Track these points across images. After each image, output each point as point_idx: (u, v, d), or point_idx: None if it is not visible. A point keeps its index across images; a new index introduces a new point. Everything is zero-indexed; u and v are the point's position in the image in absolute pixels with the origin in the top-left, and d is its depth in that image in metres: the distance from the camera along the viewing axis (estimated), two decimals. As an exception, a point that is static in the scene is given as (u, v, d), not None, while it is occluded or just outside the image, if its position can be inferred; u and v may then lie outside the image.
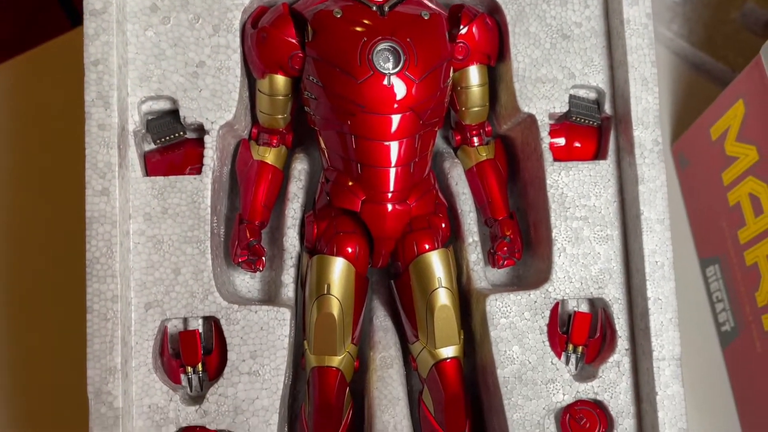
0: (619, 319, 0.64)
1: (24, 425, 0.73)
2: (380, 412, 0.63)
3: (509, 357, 0.63)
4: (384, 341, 0.68)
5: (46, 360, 0.74)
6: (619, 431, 0.63)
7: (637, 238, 0.62)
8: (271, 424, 0.61)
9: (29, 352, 0.75)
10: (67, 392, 0.69)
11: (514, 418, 0.62)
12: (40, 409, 0.73)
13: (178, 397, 0.60)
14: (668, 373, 0.61)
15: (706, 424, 0.79)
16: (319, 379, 0.63)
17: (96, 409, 0.57)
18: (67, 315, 0.72)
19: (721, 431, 0.80)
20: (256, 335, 0.61)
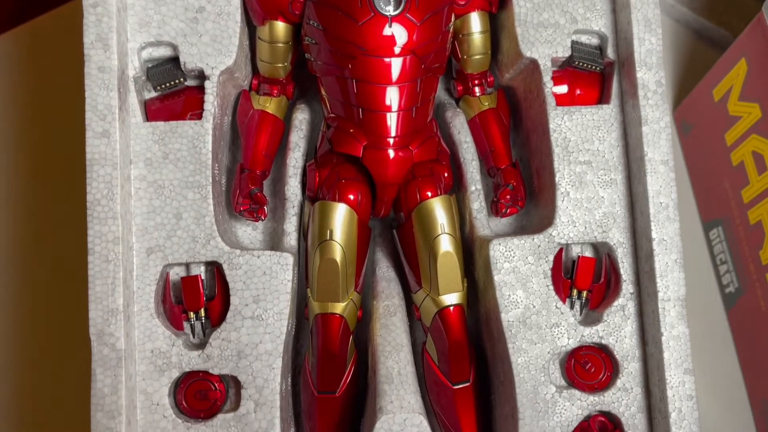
0: (624, 263, 0.63)
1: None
2: (384, 358, 0.63)
3: (513, 301, 0.62)
4: (387, 291, 0.67)
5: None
6: (625, 375, 0.62)
7: (641, 180, 0.62)
8: (274, 368, 0.60)
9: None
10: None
11: (518, 362, 0.62)
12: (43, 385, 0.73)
13: (180, 342, 0.60)
14: (673, 314, 0.60)
15: (711, 387, 0.78)
16: (323, 326, 0.63)
17: (98, 350, 0.56)
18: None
19: (726, 394, 0.80)
20: (258, 280, 0.61)
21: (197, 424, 0.59)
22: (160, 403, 0.59)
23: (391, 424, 0.60)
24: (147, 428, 0.59)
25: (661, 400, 0.60)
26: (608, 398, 0.62)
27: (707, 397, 0.76)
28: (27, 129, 0.78)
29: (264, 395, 0.60)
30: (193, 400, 0.60)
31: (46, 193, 0.77)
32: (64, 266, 0.74)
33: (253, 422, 0.60)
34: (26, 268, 0.75)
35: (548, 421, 0.61)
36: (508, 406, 0.63)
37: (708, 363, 0.78)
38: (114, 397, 0.56)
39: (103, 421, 0.56)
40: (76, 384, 0.65)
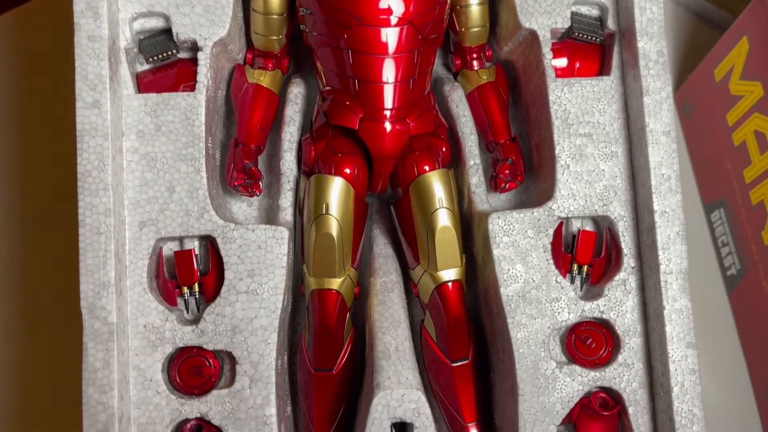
0: (625, 236, 0.62)
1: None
2: (381, 333, 0.62)
3: (512, 275, 0.61)
4: (385, 267, 0.66)
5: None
6: (626, 350, 0.61)
7: (643, 152, 0.61)
8: (270, 343, 0.59)
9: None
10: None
11: (518, 338, 0.61)
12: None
13: (174, 317, 0.59)
14: (675, 288, 0.59)
15: (713, 370, 0.77)
16: (319, 301, 0.62)
17: (90, 324, 0.55)
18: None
19: (728, 376, 0.79)
20: (253, 254, 0.60)
21: (191, 400, 0.58)
22: (153, 379, 0.58)
23: (389, 399, 0.59)
24: (140, 404, 0.58)
25: (663, 374, 0.59)
26: (609, 374, 0.61)
27: (709, 378, 0.76)
28: (22, 110, 0.77)
29: (259, 371, 0.59)
30: (187, 376, 0.59)
31: (42, 172, 0.76)
32: (56, 240, 0.72)
33: (248, 398, 0.59)
34: (19, 242, 0.74)
35: (548, 397, 0.60)
36: (508, 382, 0.62)
37: (710, 345, 0.77)
38: (106, 371, 0.55)
39: (95, 396, 0.55)
40: (68, 360, 0.64)
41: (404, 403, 0.59)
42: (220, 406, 0.58)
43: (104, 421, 0.54)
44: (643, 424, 0.61)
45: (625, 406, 0.61)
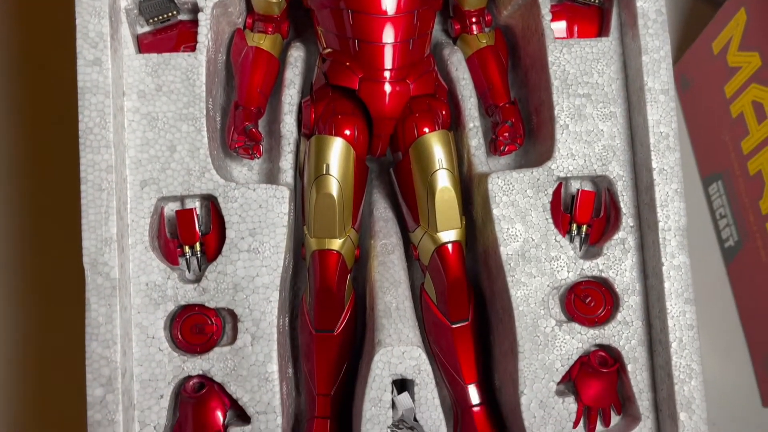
0: (623, 196, 0.63)
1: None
2: (382, 293, 0.62)
3: (512, 234, 0.62)
4: (385, 230, 0.66)
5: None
6: (625, 309, 0.62)
7: (641, 111, 0.61)
8: (271, 301, 0.59)
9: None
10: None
11: (517, 296, 0.61)
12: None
13: (176, 275, 0.59)
14: (674, 244, 0.60)
15: (711, 342, 0.78)
16: (320, 262, 0.62)
17: (92, 279, 0.55)
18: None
19: (726, 348, 0.79)
20: (254, 213, 0.60)
21: (193, 358, 0.59)
22: (155, 336, 0.58)
23: (390, 356, 0.59)
24: (143, 361, 0.58)
25: (661, 331, 0.60)
26: (608, 332, 0.62)
27: (707, 350, 0.76)
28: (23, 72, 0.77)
29: (261, 328, 0.59)
30: (189, 334, 0.59)
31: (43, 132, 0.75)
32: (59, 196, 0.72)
33: (250, 355, 0.59)
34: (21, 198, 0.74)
35: (548, 355, 0.61)
36: (508, 341, 0.63)
37: (707, 318, 0.78)
38: (109, 326, 0.55)
39: (98, 351, 0.55)
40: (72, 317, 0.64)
41: (405, 360, 0.60)
42: (222, 363, 0.59)
43: (108, 376, 0.55)
44: (642, 381, 0.61)
45: (624, 364, 0.61)
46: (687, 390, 0.59)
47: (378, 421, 0.59)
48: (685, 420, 0.58)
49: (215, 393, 0.59)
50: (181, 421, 0.59)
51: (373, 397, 0.59)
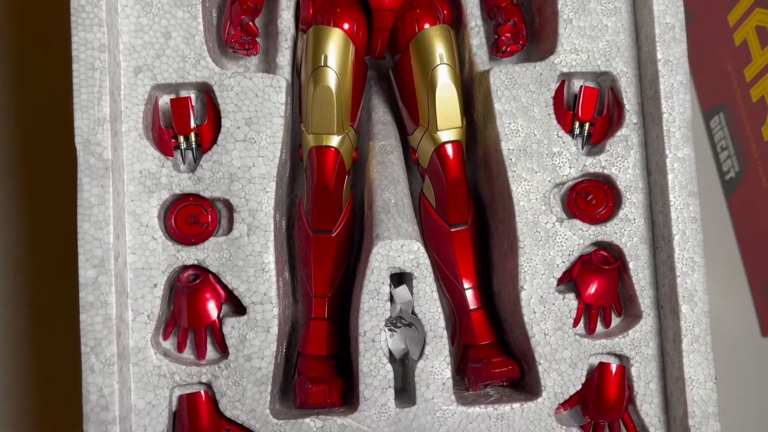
0: (627, 92, 0.61)
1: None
2: (380, 190, 0.61)
3: (513, 130, 0.61)
4: (384, 132, 0.65)
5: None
6: (627, 206, 0.61)
7: (647, 3, 0.60)
8: (268, 191, 0.58)
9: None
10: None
11: (518, 191, 0.60)
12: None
13: (170, 163, 0.58)
14: (678, 136, 0.59)
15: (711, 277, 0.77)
16: (317, 159, 0.61)
17: (85, 160, 0.54)
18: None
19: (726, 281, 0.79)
20: (251, 102, 0.59)
21: (188, 247, 0.58)
22: (149, 225, 0.57)
23: (388, 249, 0.58)
24: (136, 249, 0.57)
25: (664, 225, 0.59)
26: (610, 229, 0.61)
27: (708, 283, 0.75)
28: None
29: (258, 218, 0.58)
30: (184, 225, 0.58)
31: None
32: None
33: (246, 245, 0.58)
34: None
35: (548, 250, 0.60)
36: (507, 241, 0.62)
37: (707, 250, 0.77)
38: (101, 207, 0.54)
39: (90, 232, 0.54)
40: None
41: (403, 253, 0.59)
42: (218, 253, 0.58)
43: (100, 257, 0.54)
44: (643, 278, 0.60)
45: (625, 261, 0.61)
46: (689, 282, 0.58)
47: (375, 314, 0.58)
48: (687, 312, 0.58)
49: (210, 284, 0.58)
50: (176, 312, 0.58)
51: (371, 289, 0.58)
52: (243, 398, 0.57)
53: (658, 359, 0.60)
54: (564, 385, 0.59)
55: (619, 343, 0.60)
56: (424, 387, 0.58)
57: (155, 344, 0.57)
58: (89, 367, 0.53)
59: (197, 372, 0.57)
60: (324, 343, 0.63)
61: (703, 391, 0.57)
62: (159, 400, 0.56)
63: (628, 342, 0.60)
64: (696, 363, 0.57)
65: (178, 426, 0.57)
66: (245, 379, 0.57)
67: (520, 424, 0.58)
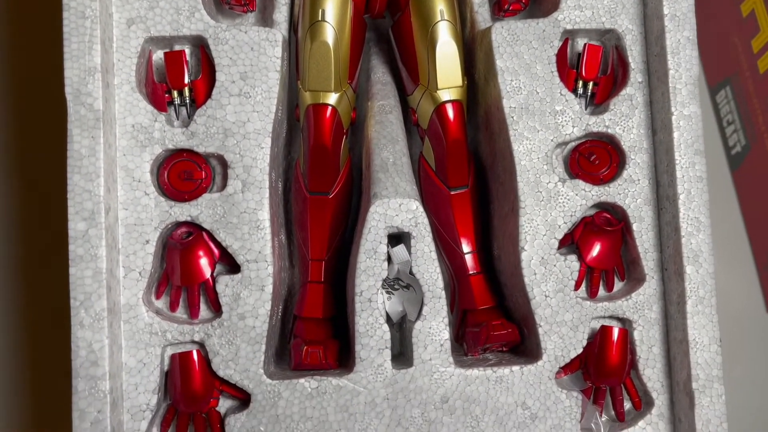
0: (632, 50, 0.60)
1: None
2: (379, 149, 0.60)
3: (515, 87, 0.59)
4: (383, 92, 0.64)
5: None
6: (632, 166, 0.59)
7: (653, -44, 0.58)
8: (263, 147, 0.57)
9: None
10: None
11: (520, 150, 0.59)
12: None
13: (163, 117, 0.57)
14: (685, 93, 0.57)
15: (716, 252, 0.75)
16: (314, 117, 0.59)
17: (75, 110, 0.53)
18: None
19: (732, 256, 0.77)
20: (246, 55, 0.57)
21: (181, 204, 0.56)
22: (141, 180, 0.56)
23: (386, 208, 0.57)
24: (128, 205, 0.56)
25: (669, 185, 0.57)
26: (613, 189, 0.59)
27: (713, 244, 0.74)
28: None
29: (252, 175, 0.57)
30: (177, 181, 0.57)
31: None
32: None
33: (240, 202, 0.56)
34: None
35: (550, 211, 0.59)
36: (508, 203, 0.60)
37: (713, 226, 0.76)
38: (92, 159, 0.53)
39: (81, 183, 0.52)
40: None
41: (401, 212, 0.57)
42: (211, 209, 0.56)
43: (90, 209, 0.52)
44: (647, 240, 0.59)
45: (629, 223, 0.59)
46: (694, 243, 0.56)
47: (372, 273, 0.57)
48: (692, 274, 0.56)
49: (203, 241, 0.57)
50: (168, 270, 0.57)
51: (368, 249, 0.57)
52: (236, 357, 0.55)
53: (662, 323, 0.59)
54: (565, 349, 0.58)
55: (621, 306, 0.59)
56: (421, 348, 0.57)
57: (147, 302, 0.56)
58: (78, 321, 0.52)
59: (190, 330, 0.56)
60: (320, 305, 0.61)
61: (708, 354, 0.56)
62: (150, 358, 0.55)
63: (630, 305, 0.59)
64: (700, 325, 0.56)
65: (170, 385, 0.56)
66: (239, 338, 0.56)
67: (519, 387, 0.57)
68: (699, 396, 0.55)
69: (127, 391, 0.54)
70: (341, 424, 0.55)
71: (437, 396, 0.56)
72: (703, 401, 0.55)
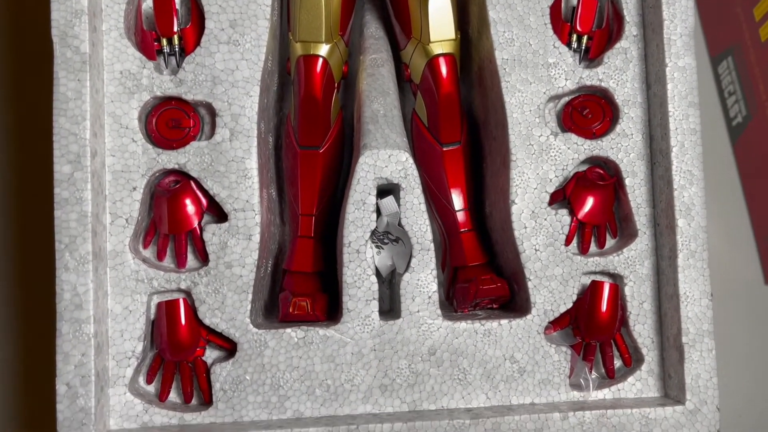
0: (627, 3, 0.59)
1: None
2: (369, 101, 0.59)
3: (508, 39, 0.58)
4: (375, 46, 0.63)
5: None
6: (625, 120, 0.59)
7: None
8: (252, 96, 0.56)
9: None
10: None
11: (512, 102, 0.58)
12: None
13: (152, 65, 0.56)
14: (680, 45, 0.56)
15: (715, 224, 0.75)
16: (305, 68, 0.59)
17: (61, 53, 0.52)
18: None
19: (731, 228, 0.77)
20: (235, 3, 0.57)
21: (169, 151, 0.56)
22: (129, 127, 0.55)
23: (375, 159, 0.57)
24: (115, 151, 0.55)
25: (662, 138, 0.57)
26: (606, 144, 0.58)
27: (711, 229, 0.73)
28: None
29: (240, 123, 0.56)
30: (165, 129, 0.56)
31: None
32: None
33: (228, 150, 0.56)
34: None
35: (542, 164, 0.58)
36: (500, 157, 0.60)
37: (712, 198, 0.75)
38: (78, 101, 0.52)
39: (66, 126, 0.52)
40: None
41: (391, 163, 0.57)
42: (199, 157, 0.56)
43: (76, 152, 0.52)
44: (639, 195, 0.58)
45: (621, 178, 0.58)
46: (687, 196, 0.56)
47: (361, 225, 0.56)
48: (684, 227, 0.56)
49: (191, 189, 0.56)
50: (156, 219, 0.57)
51: (357, 200, 0.56)
52: (223, 306, 0.55)
53: (653, 279, 0.58)
54: (554, 303, 0.57)
55: (612, 261, 0.58)
56: (409, 300, 0.56)
57: (134, 249, 0.55)
58: (63, 264, 0.51)
59: (176, 278, 0.55)
60: (309, 260, 0.61)
61: (698, 307, 0.55)
62: (136, 305, 0.55)
63: (622, 260, 0.58)
64: (691, 279, 0.55)
65: (156, 333, 0.56)
66: (225, 286, 0.55)
67: (507, 341, 0.57)
68: (689, 350, 0.55)
69: (113, 338, 0.54)
70: (327, 374, 0.55)
71: (424, 348, 0.56)
72: (692, 356, 0.55)
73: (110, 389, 0.54)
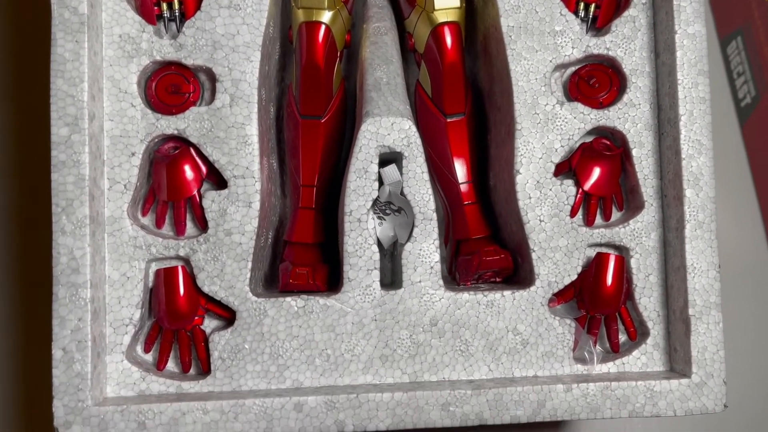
0: (637, -30, 0.58)
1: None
2: (372, 69, 0.58)
3: (514, 6, 0.57)
4: (378, 15, 0.62)
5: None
6: (632, 90, 0.57)
7: None
8: (252, 61, 0.56)
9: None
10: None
11: (517, 70, 0.57)
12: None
13: (151, 29, 0.55)
14: (690, 11, 0.55)
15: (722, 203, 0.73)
16: (307, 35, 0.58)
17: (59, 14, 0.51)
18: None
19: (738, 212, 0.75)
20: (237, -33, 0.56)
21: (168, 117, 0.55)
22: (128, 91, 0.55)
23: (378, 126, 0.56)
24: (114, 116, 0.55)
25: (671, 107, 0.56)
26: (613, 113, 0.57)
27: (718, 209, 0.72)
28: None
29: (241, 89, 0.55)
30: (165, 94, 0.56)
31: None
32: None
33: (228, 116, 0.55)
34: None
35: (547, 134, 0.57)
36: (505, 127, 0.59)
37: (720, 175, 0.74)
38: (76, 63, 0.51)
39: (64, 88, 0.51)
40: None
41: (393, 131, 0.56)
42: (199, 123, 0.55)
43: (73, 115, 0.51)
44: (647, 166, 0.57)
45: (628, 148, 0.57)
46: (695, 166, 0.55)
47: (363, 193, 0.55)
48: (692, 197, 0.54)
49: (190, 155, 0.56)
50: (155, 186, 0.56)
51: (359, 168, 0.56)
52: (222, 274, 0.54)
53: (660, 251, 0.57)
54: (559, 275, 0.56)
55: (618, 233, 0.57)
56: (411, 270, 0.55)
57: (132, 215, 0.55)
58: (60, 227, 0.51)
59: (175, 245, 0.55)
60: (310, 231, 0.60)
61: (705, 279, 0.54)
62: (134, 272, 0.54)
63: (628, 232, 0.57)
64: (699, 250, 0.54)
65: (154, 301, 0.55)
66: (224, 254, 0.54)
67: (510, 312, 0.56)
68: (695, 322, 0.54)
69: (110, 304, 0.54)
70: (327, 344, 0.54)
71: (426, 318, 0.55)
72: (699, 328, 0.54)
73: (107, 356, 0.53)
